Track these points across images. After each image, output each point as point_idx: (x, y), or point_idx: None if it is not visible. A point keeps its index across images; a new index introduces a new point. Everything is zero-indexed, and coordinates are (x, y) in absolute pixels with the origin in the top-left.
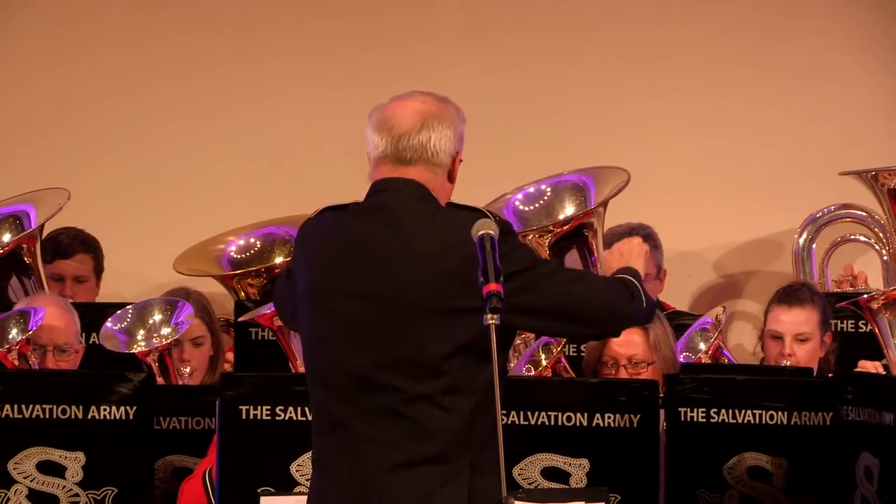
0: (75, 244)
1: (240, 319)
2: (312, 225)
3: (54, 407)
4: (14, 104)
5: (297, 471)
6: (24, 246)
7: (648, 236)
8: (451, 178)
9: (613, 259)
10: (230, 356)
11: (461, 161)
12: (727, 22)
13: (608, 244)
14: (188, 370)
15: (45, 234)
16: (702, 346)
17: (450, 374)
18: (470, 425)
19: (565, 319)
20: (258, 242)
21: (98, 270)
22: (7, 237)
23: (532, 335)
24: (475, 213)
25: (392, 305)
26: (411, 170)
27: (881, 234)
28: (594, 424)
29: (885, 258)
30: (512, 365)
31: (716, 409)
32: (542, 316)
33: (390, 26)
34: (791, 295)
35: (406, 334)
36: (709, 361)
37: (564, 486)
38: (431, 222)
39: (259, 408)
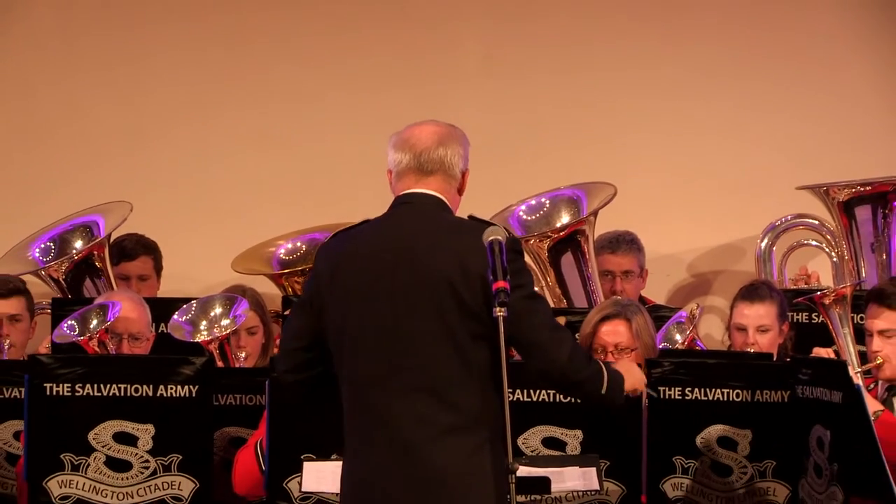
0: (137, 248)
1: (286, 312)
2: (344, 239)
3: (128, 386)
4: (88, 127)
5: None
6: (95, 252)
7: (633, 241)
8: (460, 190)
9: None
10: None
11: (468, 176)
12: (704, 50)
13: (598, 249)
14: (244, 355)
15: (112, 240)
16: (678, 337)
17: (473, 358)
18: (488, 402)
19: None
20: (303, 246)
21: (158, 269)
22: (80, 244)
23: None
24: (469, 225)
25: (426, 300)
26: (431, 181)
27: (831, 240)
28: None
29: (834, 260)
30: None
31: (690, 389)
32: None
33: (415, 66)
34: (753, 292)
35: (438, 326)
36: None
37: (561, 454)
38: (453, 229)
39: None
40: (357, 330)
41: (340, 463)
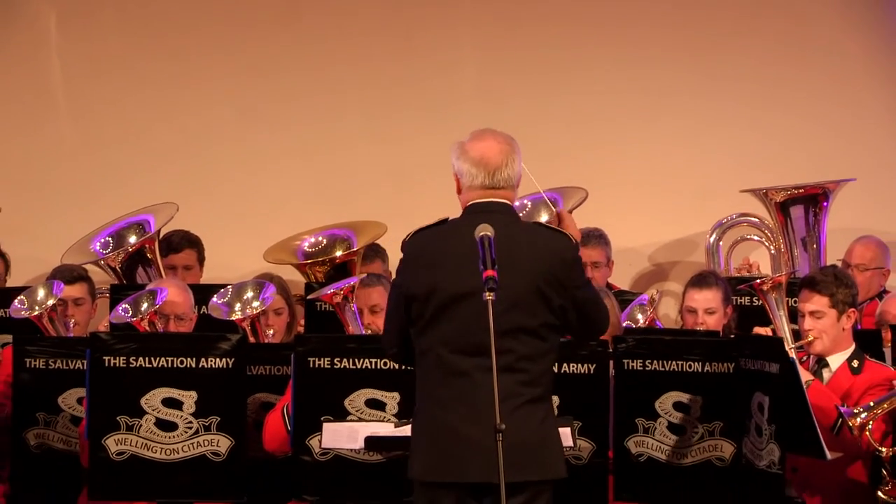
0: (183, 242)
1: (309, 297)
2: (430, 235)
3: (174, 359)
4: (142, 141)
5: (349, 404)
6: (147, 245)
7: (601, 236)
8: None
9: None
10: (302, 322)
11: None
12: (663, 75)
13: None
14: (271, 332)
15: (161, 235)
16: (640, 317)
17: (545, 339)
18: (550, 380)
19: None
20: (324, 240)
21: (201, 260)
22: (133, 239)
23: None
24: (550, 230)
25: (511, 287)
26: (500, 193)
27: (770, 235)
28: (563, 371)
29: (772, 252)
30: None
31: (650, 361)
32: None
33: (419, 90)
34: (702, 280)
35: (520, 311)
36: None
37: None
38: (533, 232)
39: (322, 359)
40: (453, 313)
41: (353, 423)
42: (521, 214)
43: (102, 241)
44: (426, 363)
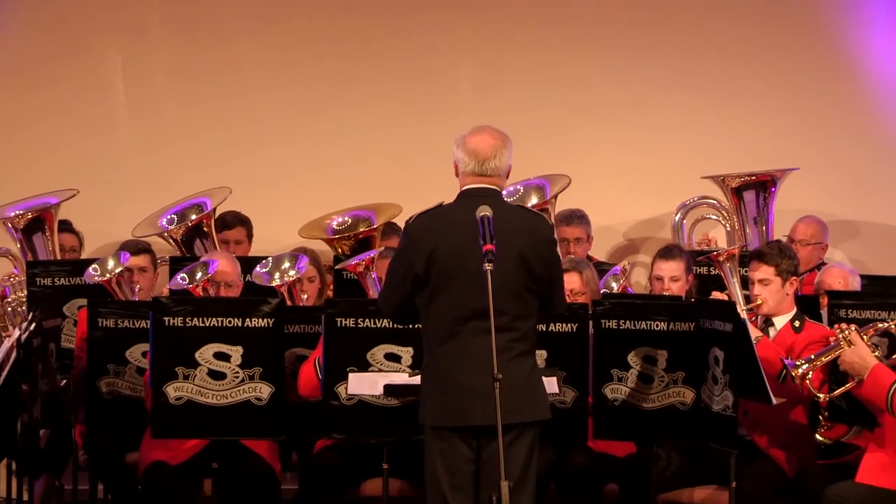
0: (235, 220)
1: (336, 267)
2: (429, 218)
3: (224, 319)
4: (203, 135)
5: (370, 357)
6: (204, 222)
7: (582, 216)
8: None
9: None
10: (331, 288)
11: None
12: (637, 74)
13: (557, 222)
14: (305, 297)
15: (216, 214)
16: (614, 285)
17: (530, 302)
18: (534, 336)
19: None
20: (349, 219)
21: (249, 236)
22: (193, 216)
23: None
24: (531, 213)
25: (500, 261)
26: (489, 179)
27: (726, 215)
28: (550, 330)
29: (728, 230)
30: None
31: (623, 321)
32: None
33: (424, 88)
34: (667, 252)
35: (510, 278)
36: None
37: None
38: (517, 213)
39: (348, 319)
40: (453, 282)
41: (374, 373)
42: (513, 198)
43: (168, 217)
44: (433, 325)
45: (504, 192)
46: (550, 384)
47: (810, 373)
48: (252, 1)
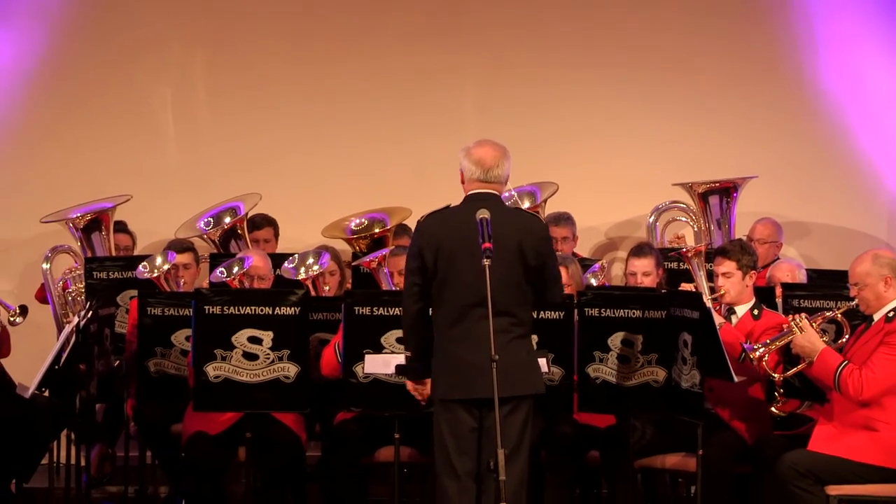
0: (264, 222)
1: (354, 262)
2: (437, 217)
3: (256, 307)
4: (235, 150)
5: (383, 341)
6: (237, 224)
7: (569, 218)
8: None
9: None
10: (350, 281)
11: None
12: (616, 93)
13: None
14: (327, 288)
15: (248, 216)
16: (593, 282)
17: (526, 292)
18: (530, 321)
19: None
20: (365, 221)
21: (276, 235)
22: (228, 219)
23: None
24: (528, 213)
25: (499, 256)
26: (491, 186)
27: (693, 217)
28: (541, 317)
29: (695, 230)
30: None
31: (604, 309)
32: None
33: (431, 105)
34: (639, 250)
35: (509, 271)
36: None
37: None
38: (515, 214)
39: (364, 308)
40: (459, 274)
41: (387, 355)
42: (509, 202)
43: (205, 220)
44: (443, 312)
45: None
46: (541, 364)
47: (766, 355)
48: (280, 27)
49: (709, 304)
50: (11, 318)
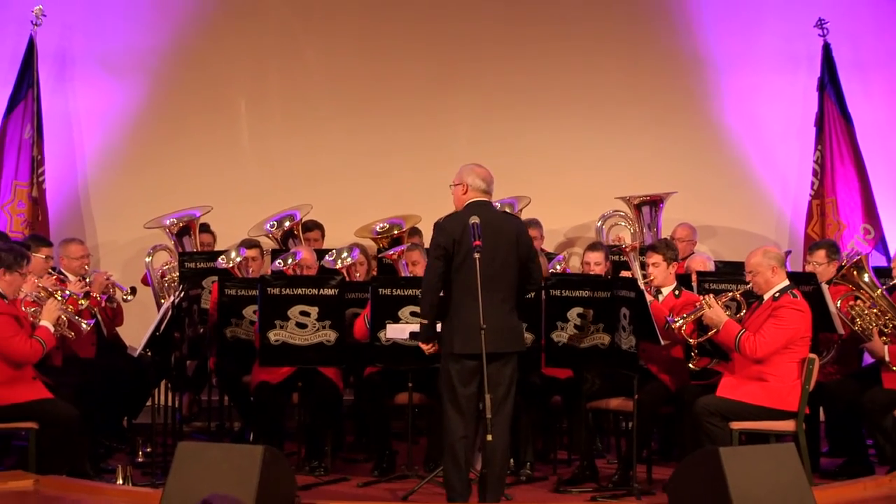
0: (313, 225)
1: (378, 255)
2: (453, 217)
3: (305, 289)
4: (293, 168)
5: (401, 314)
6: (294, 227)
7: (537, 222)
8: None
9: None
10: (375, 269)
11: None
12: (578, 114)
13: None
14: (358, 275)
15: (302, 221)
16: (558, 267)
17: (516, 276)
18: (517, 295)
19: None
20: (387, 224)
21: (323, 236)
22: (287, 223)
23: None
24: (515, 216)
25: (501, 247)
26: (487, 195)
27: (630, 222)
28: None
29: (632, 232)
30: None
31: (565, 290)
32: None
33: (431, 138)
34: (593, 246)
35: (506, 258)
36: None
37: None
38: (507, 216)
39: (386, 289)
40: (467, 261)
41: (404, 324)
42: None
43: (270, 223)
44: (457, 288)
45: None
46: None
47: (684, 325)
48: (332, 74)
49: (642, 286)
50: (125, 297)
